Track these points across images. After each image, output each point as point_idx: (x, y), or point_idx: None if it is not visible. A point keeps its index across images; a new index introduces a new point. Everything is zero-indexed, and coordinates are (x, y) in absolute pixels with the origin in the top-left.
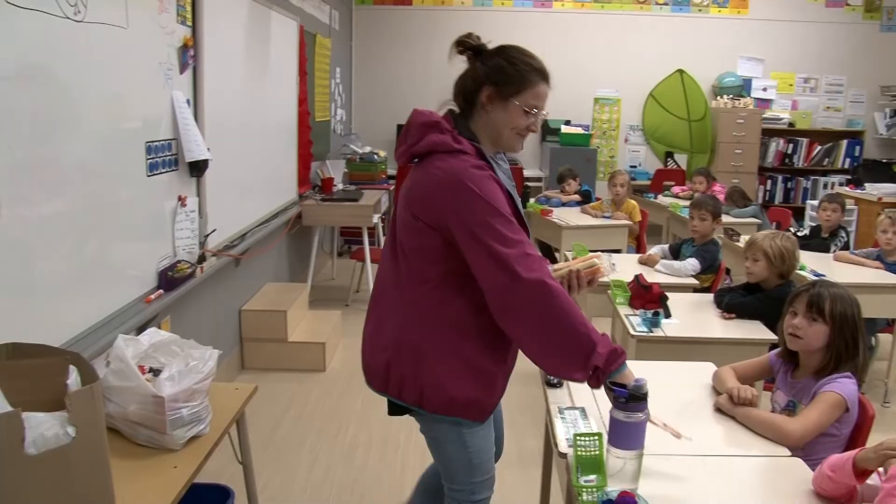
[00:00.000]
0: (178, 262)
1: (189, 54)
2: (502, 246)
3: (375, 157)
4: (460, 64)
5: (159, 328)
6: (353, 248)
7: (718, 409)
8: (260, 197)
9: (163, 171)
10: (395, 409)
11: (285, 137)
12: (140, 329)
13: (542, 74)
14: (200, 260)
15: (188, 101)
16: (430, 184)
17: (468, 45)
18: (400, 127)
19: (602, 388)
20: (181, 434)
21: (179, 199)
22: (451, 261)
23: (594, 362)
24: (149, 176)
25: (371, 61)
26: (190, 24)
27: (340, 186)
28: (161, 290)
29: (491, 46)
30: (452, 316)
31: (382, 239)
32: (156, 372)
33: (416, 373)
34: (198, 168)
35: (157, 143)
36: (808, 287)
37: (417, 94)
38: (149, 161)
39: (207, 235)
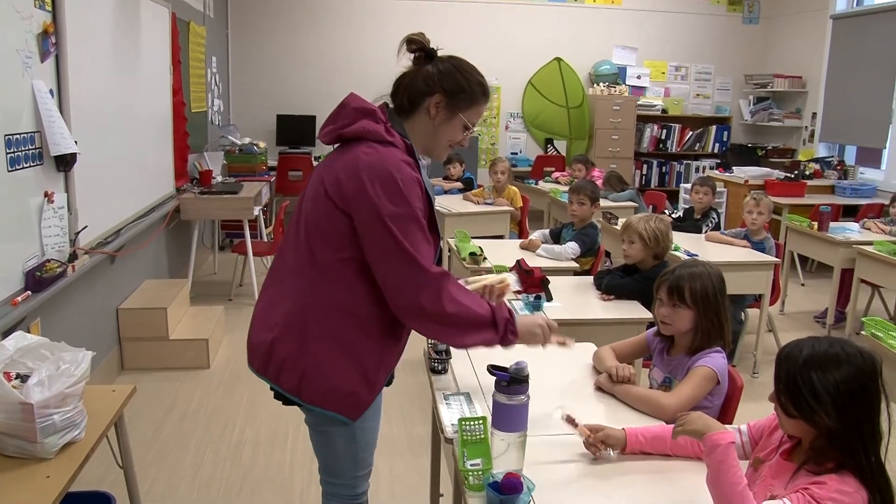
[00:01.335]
0: (47, 261)
1: (50, 41)
2: (409, 246)
3: (255, 148)
4: (345, 54)
5: (27, 331)
6: (235, 241)
7: (599, 388)
8: (134, 191)
9: (25, 165)
10: (281, 397)
11: (160, 129)
12: (6, 333)
13: (487, 96)
14: (71, 258)
15: (51, 92)
16: (353, 167)
17: (423, 47)
18: (280, 117)
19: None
20: (54, 441)
21: (46, 195)
22: (357, 247)
23: (500, 326)
24: (9, 171)
25: (249, 50)
26: (49, 8)
27: (219, 179)
28: (28, 292)
29: (441, 52)
30: (349, 303)
31: (265, 232)
32: (23, 378)
33: (298, 356)
34: (65, 162)
35: (17, 137)
36: (667, 275)
37: (298, 84)
38: (9, 155)
39: (78, 233)
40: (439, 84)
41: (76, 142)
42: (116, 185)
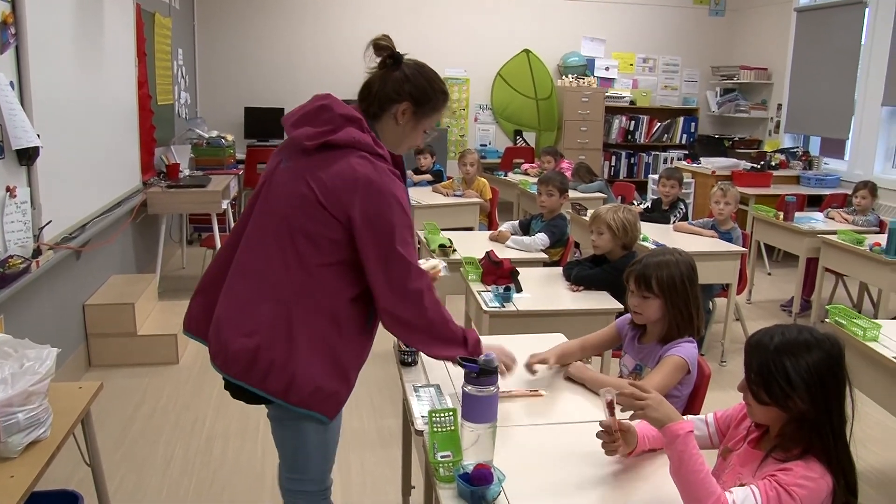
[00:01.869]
0: (10, 257)
1: (10, 32)
2: (407, 257)
3: (223, 141)
4: (313, 46)
5: None
6: (203, 235)
7: (569, 378)
8: (100, 185)
9: None
10: (245, 397)
11: (125, 122)
12: None
13: (447, 101)
14: (35, 254)
15: (12, 84)
16: (352, 180)
17: (390, 51)
18: (249, 110)
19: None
20: (18, 440)
21: (7, 189)
22: (345, 253)
23: (470, 340)
24: None
25: (216, 42)
26: None
27: (187, 172)
28: None
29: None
30: (333, 306)
31: (233, 225)
32: None
33: (287, 360)
34: (27, 156)
35: None
36: (636, 264)
37: (266, 76)
38: None
39: (42, 228)
40: (408, 93)
41: (39, 135)
42: (81, 179)
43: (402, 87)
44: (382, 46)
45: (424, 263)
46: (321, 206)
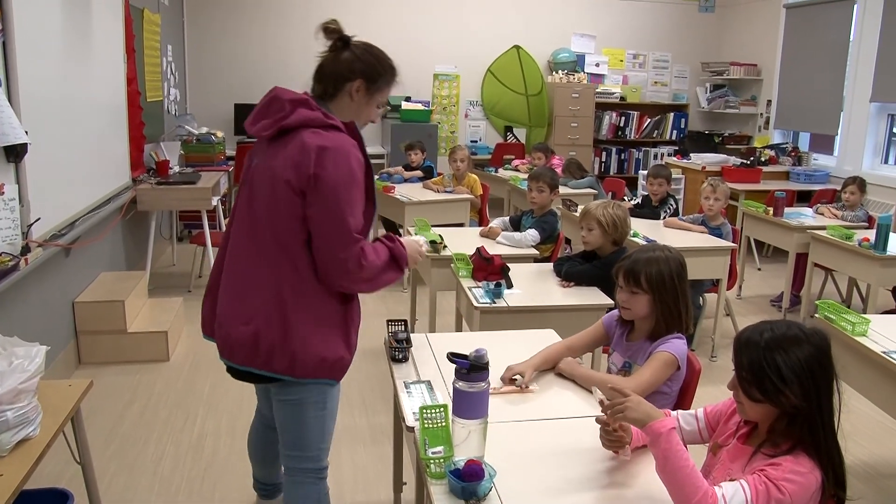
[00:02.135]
0: None
1: None
2: (346, 222)
3: (213, 137)
4: (303, 42)
5: None
6: (194, 232)
7: (560, 374)
8: (89, 182)
9: None
10: (252, 378)
11: (114, 119)
12: None
13: (396, 76)
14: (24, 251)
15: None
16: (303, 150)
17: (339, 34)
18: (238, 106)
19: None
20: (7, 439)
21: None
22: None
23: (401, 264)
24: None
25: (205, 38)
26: None
27: (176, 169)
28: None
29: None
30: (315, 283)
31: (223, 222)
32: None
33: (286, 340)
34: (15, 153)
35: None
36: (625, 260)
37: (255, 72)
38: None
39: (31, 225)
40: (360, 71)
41: (27, 132)
42: (70, 176)
43: (354, 66)
44: (332, 30)
45: (407, 238)
46: (287, 185)
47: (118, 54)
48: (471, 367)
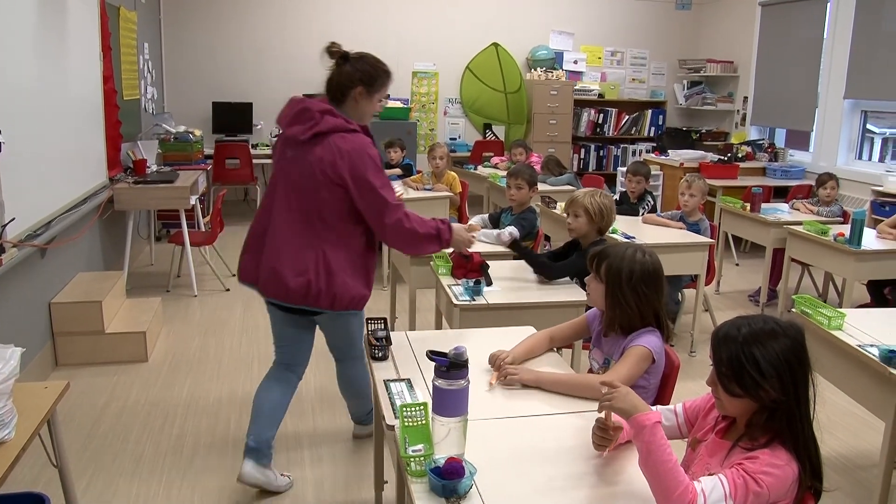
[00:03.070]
0: None
1: None
2: (384, 198)
3: (191, 136)
4: (280, 40)
5: None
6: (172, 231)
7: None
8: (65, 181)
9: None
10: (298, 312)
11: (90, 117)
12: None
13: (391, 76)
14: None
15: None
16: (338, 152)
17: (340, 53)
18: (216, 105)
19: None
20: None
21: None
22: (349, 205)
23: (443, 237)
24: None
25: (182, 36)
26: None
27: (154, 168)
28: None
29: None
30: (349, 242)
31: (202, 221)
32: None
33: (329, 286)
34: None
35: None
36: (603, 245)
37: (233, 71)
38: None
39: (5, 225)
40: (359, 79)
41: (0, 131)
42: (46, 175)
43: (353, 76)
44: (333, 52)
45: (458, 224)
46: (325, 176)
47: (94, 52)
48: (450, 365)
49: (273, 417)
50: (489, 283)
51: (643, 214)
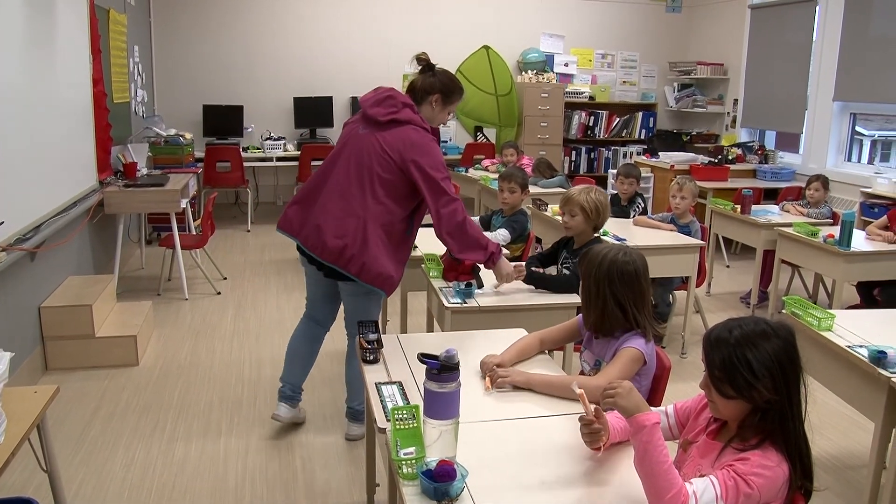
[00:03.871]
0: None
1: None
2: (444, 190)
3: (181, 139)
4: (271, 43)
5: None
6: (162, 234)
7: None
8: (55, 185)
9: None
10: (328, 271)
11: (80, 120)
12: None
13: (463, 94)
14: None
15: None
16: (409, 142)
17: (427, 63)
18: (207, 107)
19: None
20: None
21: None
22: (402, 190)
23: (490, 249)
24: None
25: (173, 38)
26: None
27: (144, 171)
28: None
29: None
30: (390, 221)
31: (193, 224)
32: None
33: (361, 254)
34: None
35: None
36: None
37: (224, 74)
38: None
39: None
40: (440, 88)
41: None
42: (35, 179)
43: (434, 84)
44: (422, 60)
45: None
46: (389, 158)
47: (83, 55)
48: (441, 368)
49: (305, 367)
50: (480, 286)
51: (634, 216)
